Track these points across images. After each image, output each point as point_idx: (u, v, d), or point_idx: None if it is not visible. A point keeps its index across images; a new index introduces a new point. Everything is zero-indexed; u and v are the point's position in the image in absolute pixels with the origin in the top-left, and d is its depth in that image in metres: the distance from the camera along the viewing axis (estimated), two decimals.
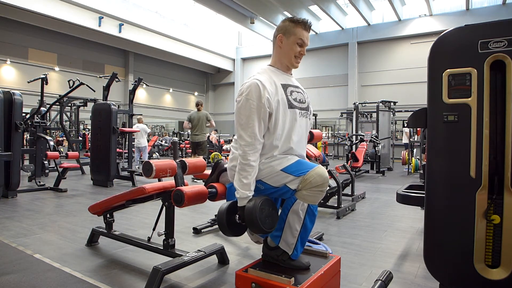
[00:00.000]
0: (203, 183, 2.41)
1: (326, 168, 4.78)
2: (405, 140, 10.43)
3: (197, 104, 7.05)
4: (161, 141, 16.58)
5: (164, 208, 2.36)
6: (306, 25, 1.80)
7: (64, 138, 13.27)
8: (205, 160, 5.86)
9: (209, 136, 12.64)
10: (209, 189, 2.20)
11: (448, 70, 1.80)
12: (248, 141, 1.66)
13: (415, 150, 9.68)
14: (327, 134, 19.18)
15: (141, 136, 9.69)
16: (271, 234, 1.78)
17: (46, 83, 6.51)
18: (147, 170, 2.16)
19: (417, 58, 15.51)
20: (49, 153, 5.96)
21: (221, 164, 2.31)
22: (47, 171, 6.80)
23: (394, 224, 3.74)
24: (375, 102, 10.54)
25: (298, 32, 1.79)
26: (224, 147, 13.10)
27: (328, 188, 4.27)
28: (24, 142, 8.85)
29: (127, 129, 7.73)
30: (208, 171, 2.48)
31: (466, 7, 14.77)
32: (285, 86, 1.79)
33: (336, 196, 4.18)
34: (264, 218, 1.61)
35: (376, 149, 8.94)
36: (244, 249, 2.87)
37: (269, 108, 1.68)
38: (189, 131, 7.23)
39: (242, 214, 1.65)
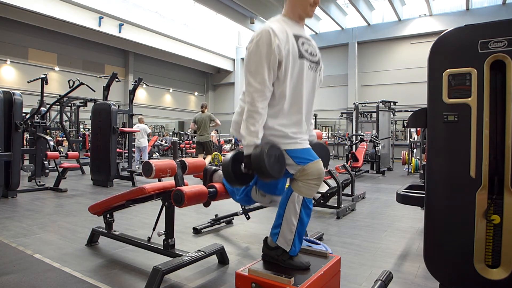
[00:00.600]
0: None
1: (326, 168, 4.78)
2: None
3: (201, 106, 7.50)
4: (161, 141, 16.58)
5: (164, 208, 2.36)
6: None
7: (64, 138, 13.27)
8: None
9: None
10: (209, 189, 2.20)
11: (448, 70, 1.80)
12: (257, 88, 1.63)
13: (415, 150, 9.69)
14: (327, 134, 19.18)
15: (141, 136, 9.72)
16: (271, 231, 1.78)
17: (46, 83, 6.51)
18: (147, 170, 2.16)
19: (417, 58, 15.52)
20: (49, 153, 5.95)
21: (209, 168, 2.34)
22: (47, 171, 6.80)
23: (394, 224, 3.74)
24: (375, 102, 10.54)
25: None
26: (224, 147, 13.09)
27: (328, 188, 4.32)
28: (24, 142, 8.84)
29: (127, 129, 7.73)
30: (214, 167, 2.48)
31: (466, 7, 14.77)
32: (296, 37, 1.74)
33: (336, 196, 4.17)
34: (272, 163, 1.58)
35: (376, 149, 8.95)
36: (244, 249, 2.87)
37: (279, 55, 1.63)
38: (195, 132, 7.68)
39: (248, 162, 1.62)
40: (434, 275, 1.88)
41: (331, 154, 15.61)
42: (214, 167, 2.37)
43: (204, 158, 7.50)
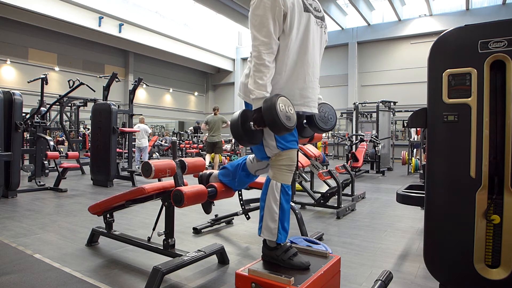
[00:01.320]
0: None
1: (326, 168, 4.78)
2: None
3: (214, 109, 8.11)
4: (161, 141, 16.58)
5: (164, 208, 2.36)
6: None
7: (64, 138, 13.27)
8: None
9: None
10: (209, 189, 2.20)
11: (448, 70, 1.80)
12: (263, 40, 1.60)
13: (415, 150, 9.68)
14: (327, 134, 19.17)
15: (142, 136, 9.74)
16: (258, 227, 1.81)
17: (46, 83, 6.51)
18: (147, 170, 2.16)
19: (417, 58, 15.52)
20: (49, 153, 5.95)
21: (203, 174, 2.37)
22: (47, 171, 6.80)
23: (394, 224, 3.74)
24: (375, 102, 10.53)
25: None
26: (224, 147, 13.08)
27: (328, 188, 4.32)
28: (24, 142, 8.84)
29: (127, 129, 7.73)
30: (208, 171, 2.48)
31: (466, 7, 14.77)
32: None
33: (336, 196, 4.17)
34: (284, 115, 1.55)
35: (376, 149, 8.95)
36: (244, 249, 2.87)
37: (284, 7, 1.61)
38: (206, 133, 8.35)
39: (259, 116, 1.59)
40: (434, 275, 1.88)
41: (331, 154, 15.62)
42: (208, 171, 2.39)
43: (213, 157, 8.21)
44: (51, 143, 6.26)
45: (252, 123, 1.65)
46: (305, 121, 1.99)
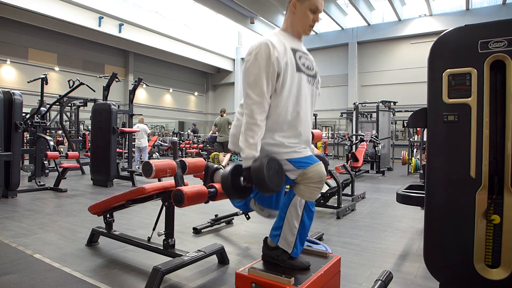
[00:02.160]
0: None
1: (326, 168, 4.77)
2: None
3: (221, 111, 8.82)
4: (161, 141, 16.57)
5: (164, 208, 2.36)
6: None
7: (64, 137, 13.27)
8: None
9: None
10: (209, 189, 2.20)
11: (448, 70, 1.80)
12: (256, 100, 1.62)
13: (415, 150, 9.67)
14: (327, 134, 19.17)
15: (141, 136, 9.76)
16: (271, 233, 1.78)
17: (46, 83, 6.50)
18: (147, 170, 2.16)
19: (417, 58, 15.51)
20: (49, 153, 5.95)
21: (210, 166, 2.32)
22: (47, 171, 6.80)
23: (394, 224, 3.74)
24: (375, 102, 10.53)
25: None
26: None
27: (328, 188, 4.32)
28: (24, 142, 8.84)
29: (127, 129, 7.73)
30: (215, 165, 2.47)
31: (466, 7, 14.76)
32: (294, 50, 1.75)
33: (336, 196, 4.17)
34: (271, 176, 1.57)
35: (376, 149, 8.94)
36: (244, 249, 2.87)
37: (278, 67, 1.64)
38: (216, 133, 9.07)
39: (248, 175, 1.61)
40: (434, 275, 1.88)
41: (331, 154, 15.62)
42: (215, 166, 2.36)
43: (224, 156, 8.72)
44: (51, 143, 6.26)
45: (242, 179, 1.67)
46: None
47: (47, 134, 7.58)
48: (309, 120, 1.85)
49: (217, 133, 8.85)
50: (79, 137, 13.79)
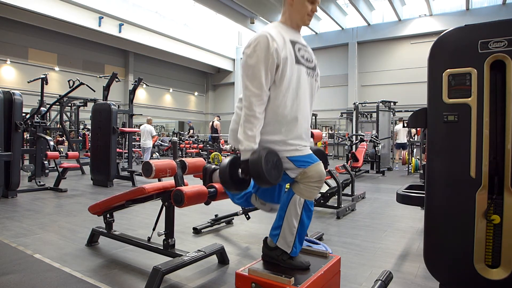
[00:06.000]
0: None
1: (326, 168, 4.77)
2: (402, 139, 10.22)
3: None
4: (161, 141, 16.58)
5: (164, 208, 2.36)
6: None
7: (64, 137, 13.27)
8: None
9: (213, 123, 12.76)
10: (209, 189, 2.20)
11: (448, 70, 1.80)
12: (255, 92, 1.61)
13: (415, 150, 9.66)
14: (327, 134, 19.17)
15: (147, 137, 9.77)
16: (270, 233, 1.78)
17: (46, 83, 6.50)
18: (147, 170, 2.16)
19: (417, 58, 15.51)
20: (49, 153, 5.95)
21: (208, 167, 2.32)
22: (47, 171, 6.80)
23: (394, 224, 3.74)
24: (375, 102, 10.53)
25: None
26: (224, 147, 13.08)
27: (328, 188, 4.32)
28: (24, 142, 8.84)
29: (127, 129, 7.73)
30: (213, 165, 2.47)
31: (466, 7, 14.76)
32: (293, 42, 1.74)
33: (336, 196, 4.17)
34: (269, 169, 1.56)
35: (376, 149, 8.95)
36: (244, 249, 2.87)
37: (277, 59, 1.62)
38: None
39: (246, 167, 1.60)
40: (434, 275, 1.88)
41: (331, 154, 15.62)
42: (213, 166, 2.35)
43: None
44: (51, 143, 6.26)
45: (240, 171, 1.67)
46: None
47: (54, 135, 7.57)
48: (309, 112, 1.84)
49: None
50: (79, 137, 13.79)
